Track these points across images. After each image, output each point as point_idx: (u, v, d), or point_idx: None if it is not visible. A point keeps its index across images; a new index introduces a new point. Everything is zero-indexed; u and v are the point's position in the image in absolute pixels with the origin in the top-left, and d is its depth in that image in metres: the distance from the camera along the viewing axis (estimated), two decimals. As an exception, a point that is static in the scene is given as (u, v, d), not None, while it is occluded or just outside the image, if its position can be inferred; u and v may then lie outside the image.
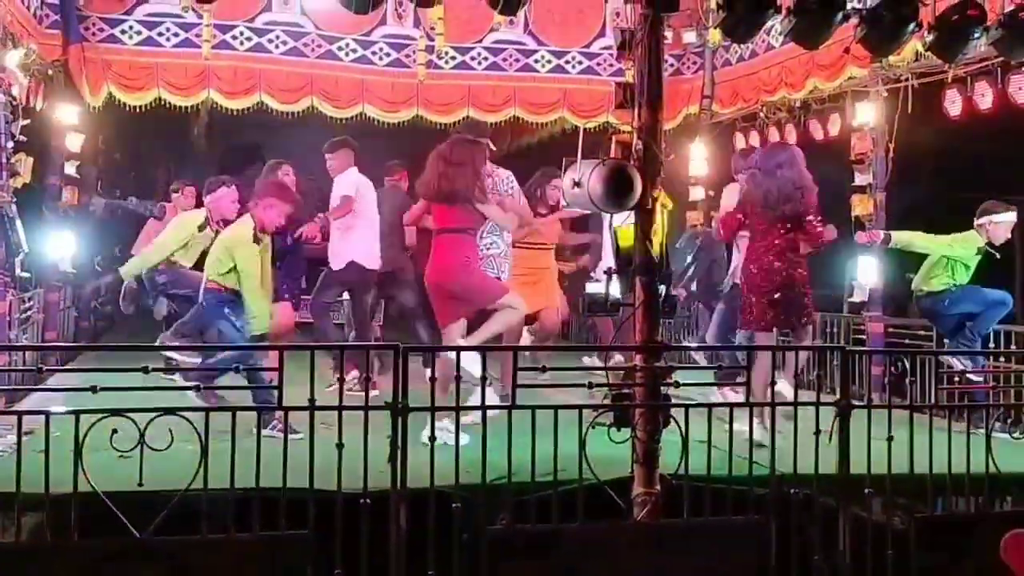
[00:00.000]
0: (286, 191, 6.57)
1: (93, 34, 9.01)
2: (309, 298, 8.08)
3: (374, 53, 9.74)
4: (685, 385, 4.82)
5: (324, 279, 7.81)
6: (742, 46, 9.78)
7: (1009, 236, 7.17)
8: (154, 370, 4.20)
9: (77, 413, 4.01)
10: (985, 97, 7.51)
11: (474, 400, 4.70)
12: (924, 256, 7.42)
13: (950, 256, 7.18)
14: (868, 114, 8.57)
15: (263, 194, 6.40)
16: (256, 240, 6.24)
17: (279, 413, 4.44)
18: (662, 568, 4.43)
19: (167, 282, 7.40)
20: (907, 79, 8.11)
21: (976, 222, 7.21)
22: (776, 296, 6.39)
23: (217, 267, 6.28)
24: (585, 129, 5.09)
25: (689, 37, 10.24)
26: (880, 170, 8.56)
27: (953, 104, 7.78)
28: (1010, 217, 7.14)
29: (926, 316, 7.67)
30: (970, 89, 7.58)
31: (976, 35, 5.32)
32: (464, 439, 4.62)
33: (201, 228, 7.18)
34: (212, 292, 6.33)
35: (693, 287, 8.90)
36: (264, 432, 4.31)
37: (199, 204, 8.02)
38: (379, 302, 8.62)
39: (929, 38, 5.34)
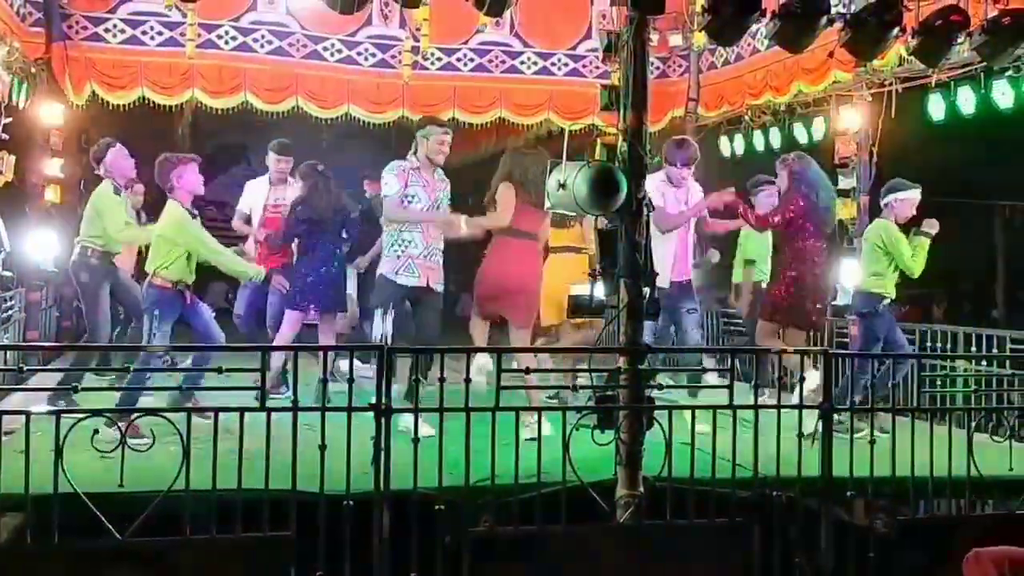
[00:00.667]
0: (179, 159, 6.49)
1: (76, 32, 8.95)
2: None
3: (359, 54, 9.71)
4: (669, 388, 4.84)
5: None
6: (728, 49, 9.81)
7: (913, 213, 7.13)
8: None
9: (58, 413, 3.99)
10: (968, 102, 7.55)
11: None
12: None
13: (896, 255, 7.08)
14: (852, 118, 8.61)
15: (166, 174, 6.34)
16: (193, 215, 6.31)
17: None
18: (645, 570, 4.44)
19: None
20: (891, 83, 8.15)
21: (882, 202, 7.21)
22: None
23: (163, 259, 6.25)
24: (571, 131, 5.10)
25: (675, 40, 10.25)
26: (864, 174, 8.59)
27: (936, 109, 7.82)
28: (914, 195, 7.14)
29: (854, 313, 7.61)
30: (953, 94, 7.61)
31: (959, 40, 5.35)
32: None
33: (117, 192, 6.95)
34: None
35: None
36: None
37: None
38: None
39: (913, 43, 5.36)
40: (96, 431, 4.21)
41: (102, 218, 6.66)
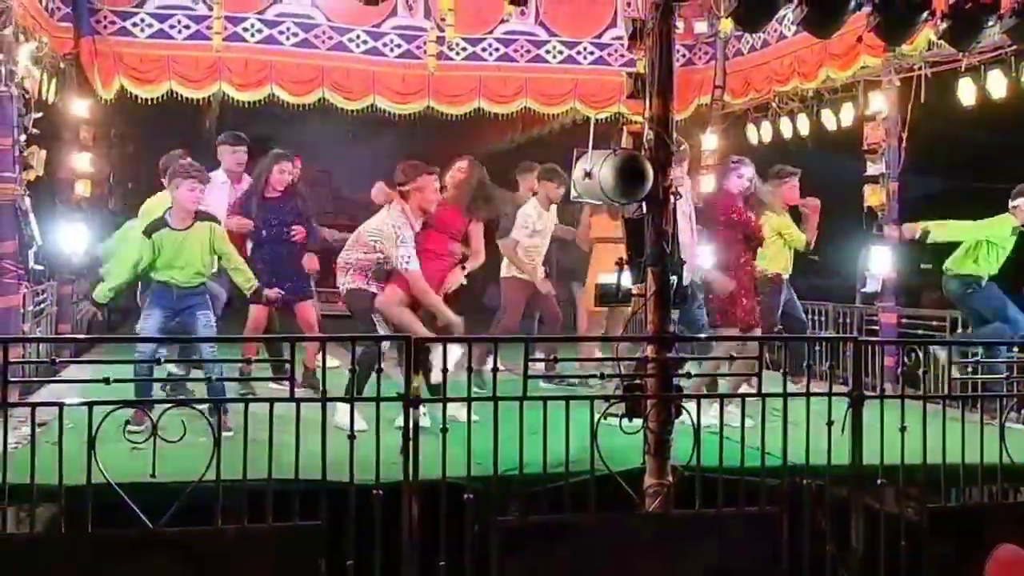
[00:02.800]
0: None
1: (104, 27, 9.00)
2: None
3: (385, 44, 9.71)
4: (697, 376, 4.82)
5: None
6: (754, 36, 9.73)
7: None
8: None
9: (91, 404, 4.03)
10: (999, 86, 7.46)
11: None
12: (945, 246, 7.45)
13: (983, 238, 7.24)
14: (881, 103, 8.52)
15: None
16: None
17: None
18: (674, 559, 4.43)
19: None
20: (920, 68, 8.06)
21: (1011, 203, 7.33)
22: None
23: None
24: (596, 120, 5.08)
25: (701, 27, 10.18)
26: (893, 160, 8.51)
27: (966, 93, 7.72)
28: None
29: (950, 298, 7.68)
30: (983, 78, 7.52)
31: (990, 23, 5.28)
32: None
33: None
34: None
35: None
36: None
37: None
38: None
39: (942, 27, 5.30)
40: (127, 421, 4.25)
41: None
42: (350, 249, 6.58)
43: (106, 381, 4.13)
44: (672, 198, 4.73)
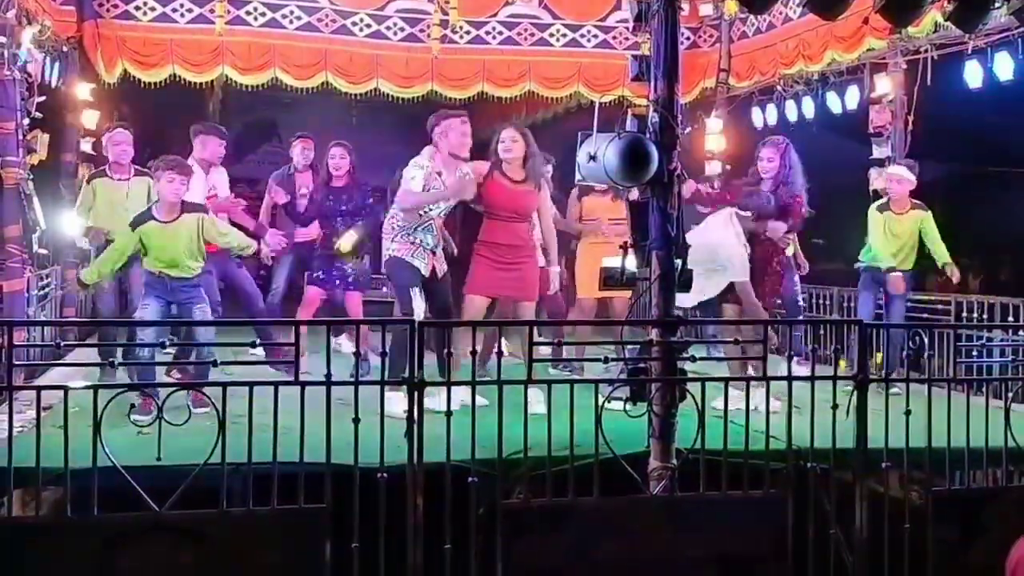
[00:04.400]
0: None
1: (107, 10, 8.98)
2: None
3: (388, 28, 9.68)
4: (702, 360, 4.82)
5: None
6: (759, 18, 9.68)
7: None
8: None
9: (96, 388, 4.04)
10: (1006, 68, 7.42)
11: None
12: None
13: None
14: (887, 86, 8.48)
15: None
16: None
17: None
18: (678, 542, 4.44)
19: None
20: (926, 50, 8.03)
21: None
22: None
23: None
24: (600, 103, 5.06)
25: (705, 9, 10.14)
26: (899, 143, 8.48)
27: (973, 76, 7.69)
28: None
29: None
30: (990, 60, 7.49)
31: (996, 5, 5.26)
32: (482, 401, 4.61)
33: None
34: None
35: None
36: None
37: None
38: None
39: (949, 8, 5.27)
40: (133, 406, 4.26)
41: None
42: (393, 214, 6.59)
43: (111, 364, 4.15)
44: (676, 180, 4.72)
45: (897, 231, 7.63)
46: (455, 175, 6.50)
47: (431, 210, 6.46)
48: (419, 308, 6.28)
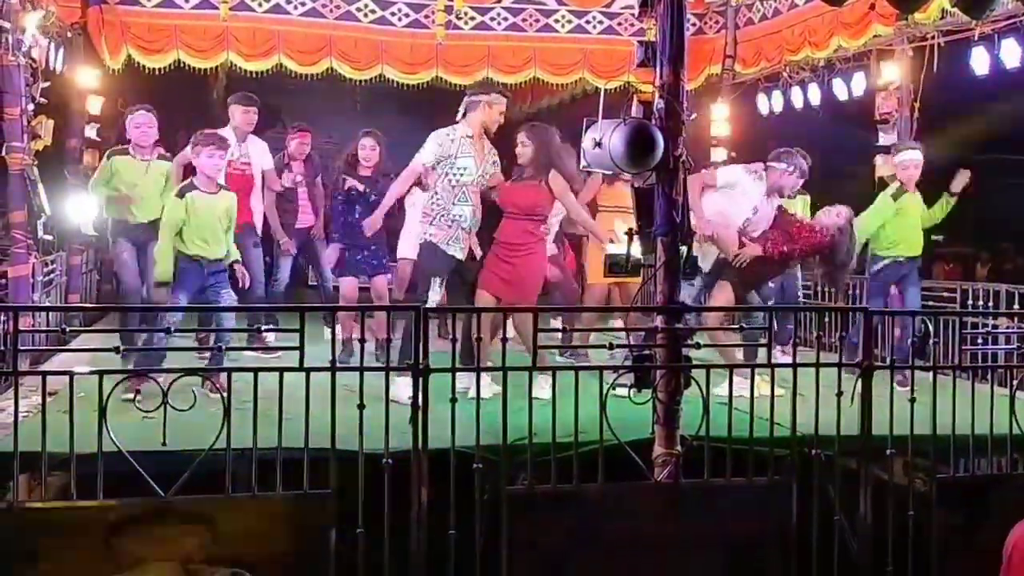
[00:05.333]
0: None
1: (112, -4, 8.98)
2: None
3: (393, 14, 9.65)
4: (706, 347, 4.81)
5: None
6: (765, 4, 9.66)
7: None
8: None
9: (101, 373, 4.05)
10: (1013, 55, 7.39)
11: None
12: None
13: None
14: (893, 73, 8.46)
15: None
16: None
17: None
18: (682, 528, 4.44)
19: None
20: (933, 37, 7.99)
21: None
22: None
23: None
24: (606, 89, 5.04)
25: (711, -5, 10.12)
26: (905, 130, 8.46)
27: (980, 62, 7.65)
28: None
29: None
30: (997, 47, 7.45)
31: (1004, -9, 5.23)
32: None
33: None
34: None
35: None
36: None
37: None
38: None
39: (956, -6, 5.25)
40: (138, 391, 4.25)
41: None
42: (429, 195, 6.61)
43: (116, 350, 4.15)
44: (682, 167, 4.70)
45: (918, 214, 7.60)
46: (485, 152, 6.58)
47: (462, 175, 6.47)
48: (434, 299, 6.27)
